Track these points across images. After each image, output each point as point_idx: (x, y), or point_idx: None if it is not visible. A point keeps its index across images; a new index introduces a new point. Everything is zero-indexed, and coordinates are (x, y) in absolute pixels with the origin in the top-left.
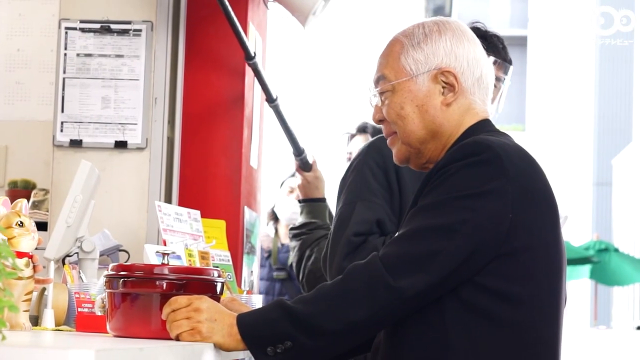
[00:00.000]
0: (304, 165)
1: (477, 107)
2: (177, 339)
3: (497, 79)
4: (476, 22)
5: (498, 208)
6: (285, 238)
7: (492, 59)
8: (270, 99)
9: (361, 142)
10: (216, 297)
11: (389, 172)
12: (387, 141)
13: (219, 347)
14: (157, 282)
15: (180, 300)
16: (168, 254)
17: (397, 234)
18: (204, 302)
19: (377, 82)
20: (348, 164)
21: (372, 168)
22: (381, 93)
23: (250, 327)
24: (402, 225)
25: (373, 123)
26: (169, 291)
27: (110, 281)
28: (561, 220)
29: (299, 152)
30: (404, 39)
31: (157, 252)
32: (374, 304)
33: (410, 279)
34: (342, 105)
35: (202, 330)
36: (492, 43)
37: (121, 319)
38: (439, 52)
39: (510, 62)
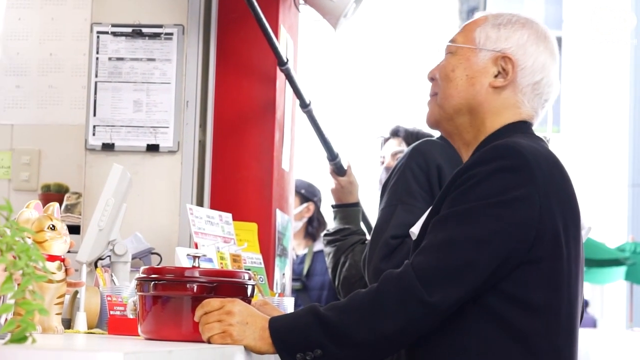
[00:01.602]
0: (338, 170)
1: (523, 108)
2: (209, 341)
3: None
4: None
5: (526, 216)
6: (299, 249)
7: None
8: (304, 104)
9: (394, 145)
10: (247, 300)
11: (431, 176)
12: (428, 102)
13: (250, 350)
14: (188, 285)
15: (212, 302)
16: (199, 257)
17: (428, 241)
18: (236, 305)
19: (448, 43)
20: (383, 167)
21: (414, 171)
22: (446, 52)
23: (282, 332)
24: (432, 229)
25: (406, 127)
26: (199, 294)
27: (142, 284)
28: (584, 232)
29: (332, 156)
30: (490, 16)
31: (188, 255)
32: (406, 317)
33: (444, 293)
34: (376, 109)
35: (233, 333)
36: None
37: (152, 321)
38: (512, 39)
39: None
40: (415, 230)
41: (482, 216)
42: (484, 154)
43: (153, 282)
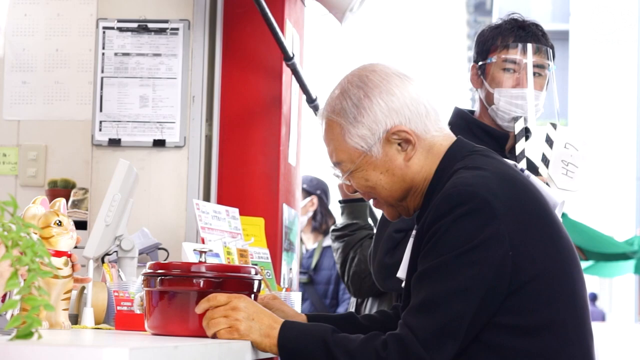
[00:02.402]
0: None
1: (438, 140)
2: (214, 336)
3: (542, 67)
4: (513, 13)
5: (498, 252)
6: (309, 243)
7: (530, 45)
8: (310, 99)
9: None
10: (254, 295)
11: None
12: (373, 204)
13: (255, 345)
14: (195, 280)
15: (219, 297)
16: (205, 252)
17: (416, 301)
18: (242, 301)
19: (335, 166)
20: None
21: None
22: (343, 174)
23: (290, 342)
24: (415, 287)
25: None
26: (206, 289)
27: (148, 279)
28: (558, 208)
29: None
30: (339, 119)
31: (195, 250)
32: None
33: (445, 352)
34: None
35: (240, 328)
36: (530, 31)
37: (159, 317)
38: (378, 117)
39: (551, 47)
40: (401, 274)
41: (457, 266)
42: (441, 206)
43: (160, 278)
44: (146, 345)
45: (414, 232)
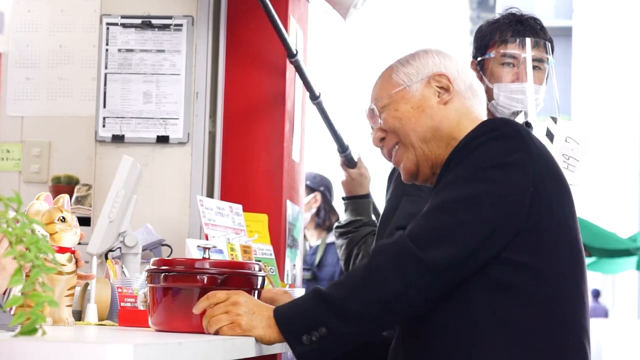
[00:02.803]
0: (349, 162)
1: (476, 112)
2: (216, 333)
3: (540, 60)
4: (511, 8)
5: (520, 180)
6: (312, 239)
7: (529, 40)
8: (313, 96)
9: None
10: (258, 291)
11: None
12: (393, 160)
13: (259, 339)
14: (198, 277)
15: (218, 295)
16: (209, 248)
17: (423, 211)
18: (241, 296)
19: (372, 105)
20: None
21: None
22: (379, 110)
23: (286, 317)
24: (428, 202)
25: None
26: (210, 285)
27: (152, 276)
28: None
29: (343, 148)
30: (393, 63)
31: (199, 246)
32: (404, 279)
33: (439, 251)
34: None
35: (242, 323)
36: (529, 25)
37: (163, 313)
38: (428, 63)
39: (550, 41)
40: None
41: (475, 180)
42: (476, 130)
43: (163, 274)
44: (150, 342)
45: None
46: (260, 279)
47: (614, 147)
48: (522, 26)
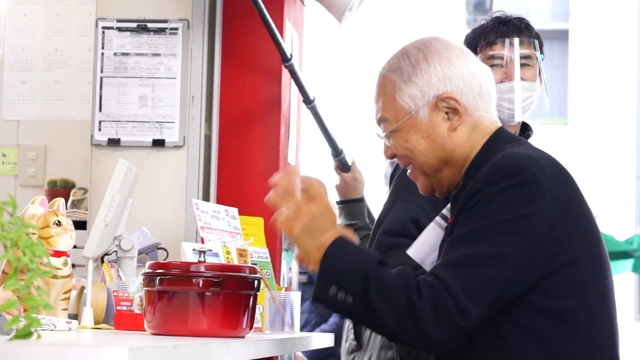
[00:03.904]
0: (343, 166)
1: (485, 121)
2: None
3: (529, 57)
4: (497, 11)
5: (539, 228)
6: None
7: (514, 39)
8: (308, 101)
9: None
10: (253, 296)
11: None
12: (408, 174)
13: (302, 253)
14: (194, 280)
15: (312, 189)
16: (205, 252)
17: (450, 258)
18: (319, 207)
19: (379, 123)
20: (388, 161)
21: None
22: (386, 135)
23: (334, 263)
24: (449, 247)
25: None
26: (205, 289)
27: (147, 279)
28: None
29: (337, 152)
30: (394, 76)
31: (194, 249)
32: (437, 333)
33: (473, 315)
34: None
35: (294, 230)
36: (512, 24)
37: (158, 316)
38: (432, 81)
39: (536, 37)
40: (412, 252)
41: (497, 233)
42: (490, 175)
43: (159, 277)
44: (145, 345)
45: (438, 218)
46: (255, 282)
47: (611, 150)
48: (505, 26)
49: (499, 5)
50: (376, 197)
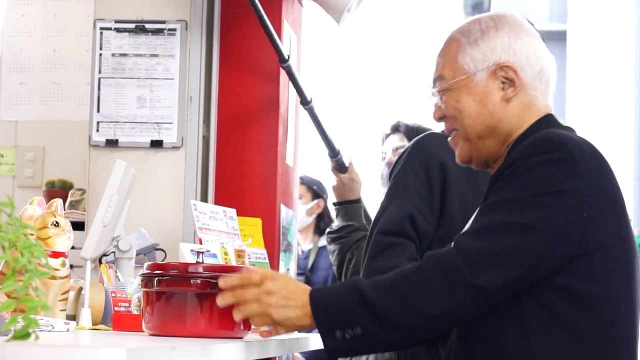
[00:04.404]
0: (340, 167)
1: (539, 103)
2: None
3: None
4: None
5: (573, 207)
6: (304, 244)
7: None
8: (305, 102)
9: (396, 141)
10: None
11: (431, 170)
12: (449, 140)
13: (292, 329)
14: (192, 281)
15: (253, 277)
16: (202, 253)
17: (472, 226)
18: (276, 282)
19: (435, 81)
20: (385, 163)
21: (413, 166)
22: (440, 92)
23: (324, 308)
24: (477, 215)
25: (406, 122)
26: (203, 289)
27: (145, 280)
28: None
29: (334, 153)
30: (461, 37)
31: (192, 250)
32: (452, 300)
33: (490, 276)
34: (378, 104)
35: (272, 315)
36: None
37: (156, 317)
38: (497, 48)
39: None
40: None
41: (529, 204)
42: (529, 147)
43: (157, 278)
44: (143, 346)
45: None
46: None
47: (609, 151)
48: None
49: (497, 6)
50: (373, 198)
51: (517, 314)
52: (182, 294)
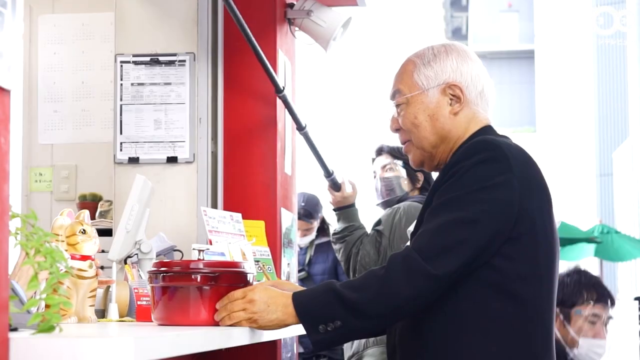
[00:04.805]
0: (334, 185)
1: (481, 116)
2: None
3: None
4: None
5: (507, 198)
6: (301, 241)
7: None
8: (300, 127)
9: (383, 160)
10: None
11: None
12: (403, 148)
13: (276, 327)
14: (193, 276)
15: (235, 294)
16: (203, 250)
17: (423, 228)
18: (256, 292)
19: (393, 96)
20: (377, 178)
21: None
22: (397, 105)
23: (305, 306)
24: (426, 219)
25: (388, 144)
26: (204, 283)
27: (153, 276)
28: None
29: (328, 173)
30: (417, 59)
31: (194, 248)
32: (416, 291)
33: (443, 265)
34: (368, 123)
35: (257, 320)
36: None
37: (163, 309)
38: (447, 69)
39: None
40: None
41: (469, 201)
42: (465, 151)
43: (162, 274)
44: (150, 335)
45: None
46: (250, 276)
47: (574, 151)
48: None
49: (474, 30)
50: (367, 203)
51: (460, 292)
52: (185, 288)
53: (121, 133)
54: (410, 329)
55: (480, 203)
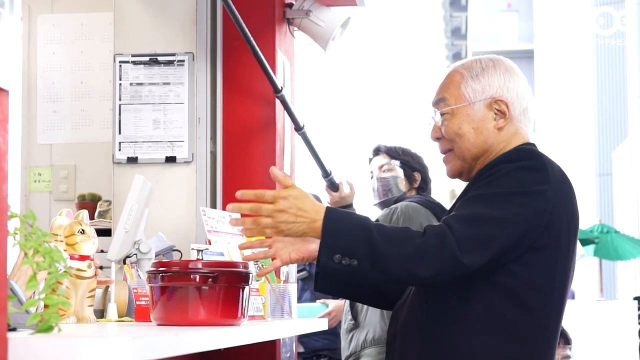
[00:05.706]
0: (332, 186)
1: (523, 133)
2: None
3: None
4: None
5: (540, 207)
6: None
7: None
8: (298, 127)
9: (380, 160)
10: (247, 287)
11: None
12: (443, 158)
13: (297, 237)
14: (192, 276)
15: (266, 195)
16: (202, 251)
17: (460, 213)
18: (288, 200)
19: (437, 103)
20: (374, 179)
21: None
22: (443, 114)
23: (333, 232)
24: (462, 205)
25: (385, 144)
26: (202, 283)
27: (151, 276)
28: (577, 257)
29: (326, 174)
30: (464, 71)
31: (193, 248)
32: (439, 270)
33: (473, 258)
34: (367, 123)
35: (283, 230)
36: None
37: (162, 309)
38: (494, 84)
39: None
40: None
41: (505, 201)
42: (508, 155)
43: (161, 274)
44: (148, 334)
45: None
46: (248, 275)
47: (574, 151)
48: None
49: (473, 31)
50: (366, 203)
51: (472, 292)
52: (184, 288)
53: (120, 133)
54: (414, 318)
55: (514, 206)
